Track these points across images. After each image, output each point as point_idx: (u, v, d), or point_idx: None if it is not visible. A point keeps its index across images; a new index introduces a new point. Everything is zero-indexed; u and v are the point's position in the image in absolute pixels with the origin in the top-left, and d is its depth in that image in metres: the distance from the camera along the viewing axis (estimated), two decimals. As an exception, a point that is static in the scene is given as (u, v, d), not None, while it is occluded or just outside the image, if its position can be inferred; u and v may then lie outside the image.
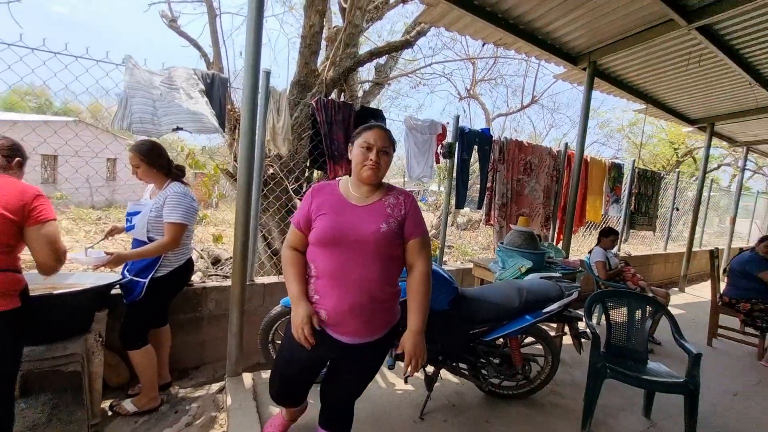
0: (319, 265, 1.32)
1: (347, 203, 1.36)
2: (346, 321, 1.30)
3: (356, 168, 1.36)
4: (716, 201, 9.10)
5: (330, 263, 1.29)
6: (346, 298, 1.28)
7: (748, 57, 3.90)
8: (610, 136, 15.14)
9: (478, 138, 3.92)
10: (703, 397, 2.71)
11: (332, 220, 1.31)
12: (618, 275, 3.68)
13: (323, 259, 1.31)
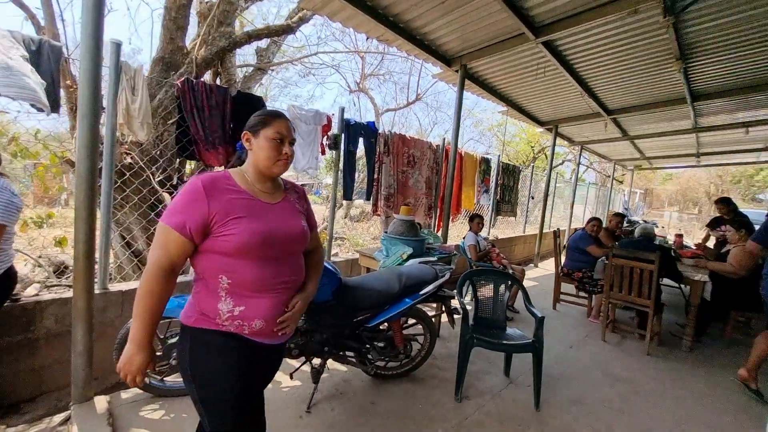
0: (240, 275, 1.14)
1: (260, 202, 1.21)
2: (275, 324, 1.22)
3: (266, 162, 1.21)
4: (561, 190, 10.99)
5: (257, 271, 1.15)
6: (279, 303, 1.21)
7: (580, 71, 4.75)
8: (483, 134, 17.09)
9: (363, 130, 4.00)
10: (549, 351, 3.25)
11: (257, 224, 1.15)
12: (486, 256, 4.17)
13: (247, 269, 1.14)
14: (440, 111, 14.39)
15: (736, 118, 6.50)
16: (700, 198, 22.97)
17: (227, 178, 1.19)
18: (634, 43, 3.89)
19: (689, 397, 2.71)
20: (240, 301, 1.15)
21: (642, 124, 7.13)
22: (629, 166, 13.35)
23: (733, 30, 3.57)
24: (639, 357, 3.35)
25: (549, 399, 2.52)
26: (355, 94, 11.36)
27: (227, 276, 1.14)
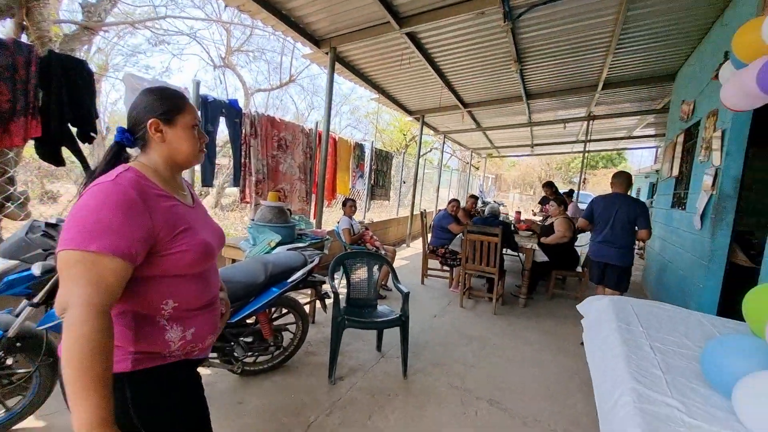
0: (186, 294, 0.95)
1: (186, 205, 1.01)
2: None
3: (190, 154, 1.00)
4: (430, 176, 12.00)
5: (201, 284, 1.00)
6: (217, 315, 1.08)
7: (440, 65, 5.15)
8: (360, 121, 17.43)
9: (224, 109, 3.63)
10: (416, 322, 3.55)
11: (201, 234, 0.97)
12: (360, 239, 4.29)
13: (192, 285, 0.97)
14: (317, 95, 14.09)
15: (558, 115, 7.99)
16: (534, 181, 27.99)
17: (147, 179, 0.92)
18: (482, 43, 4.39)
19: (523, 344, 3.28)
20: (189, 322, 0.97)
21: (491, 117, 8.20)
22: (483, 154, 15.33)
23: (554, 40, 4.31)
24: (488, 317, 3.91)
25: (415, 365, 2.74)
26: (220, 71, 10.27)
27: (173, 300, 0.93)
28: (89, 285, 0.76)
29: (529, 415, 2.27)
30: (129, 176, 0.88)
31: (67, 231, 0.79)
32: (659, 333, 1.72)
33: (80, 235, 0.78)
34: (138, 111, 0.96)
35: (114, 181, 0.84)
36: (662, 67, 5.15)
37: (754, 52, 1.80)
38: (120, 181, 0.85)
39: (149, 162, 0.97)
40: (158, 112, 0.95)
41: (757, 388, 1.02)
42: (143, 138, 0.97)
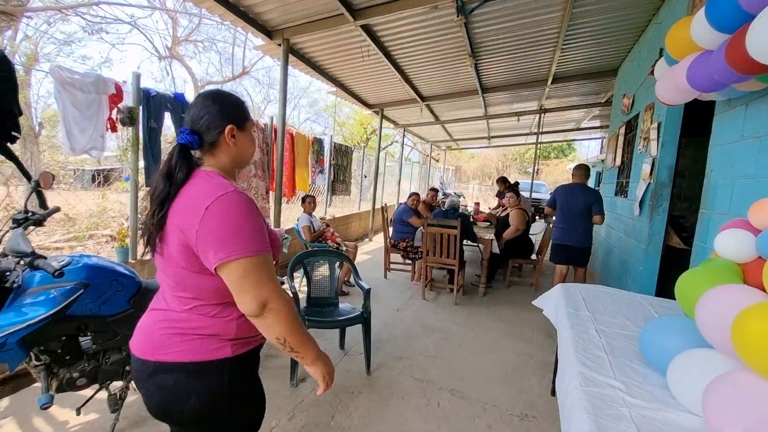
0: None
1: None
2: None
3: (251, 154, 1.09)
4: (392, 169, 12.04)
5: None
6: None
7: (397, 59, 5.13)
8: (320, 114, 17.14)
9: (170, 104, 3.41)
10: (379, 317, 3.56)
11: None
12: (321, 236, 4.22)
13: None
14: (273, 88, 13.62)
15: (512, 108, 8.25)
16: (493, 172, 28.93)
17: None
18: (438, 37, 4.41)
19: (482, 333, 3.38)
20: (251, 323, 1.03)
21: (449, 110, 8.32)
22: (442, 147, 15.59)
23: (506, 35, 4.42)
24: (449, 308, 4.00)
25: (378, 360, 2.75)
26: (166, 62, 9.67)
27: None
28: (271, 279, 0.91)
29: (488, 401, 2.34)
30: (226, 180, 0.96)
31: (238, 240, 0.87)
32: (604, 316, 1.83)
33: (250, 242, 0.89)
34: (211, 116, 0.99)
35: (236, 191, 0.91)
36: (605, 62, 5.44)
37: (684, 50, 1.92)
38: (233, 187, 0.93)
39: (218, 164, 1.02)
40: (234, 119, 1.01)
41: (687, 366, 1.10)
42: (213, 142, 1.00)
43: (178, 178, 0.93)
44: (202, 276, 0.93)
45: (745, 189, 1.88)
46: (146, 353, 0.97)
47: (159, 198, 0.93)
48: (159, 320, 0.99)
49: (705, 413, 0.97)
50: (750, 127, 1.91)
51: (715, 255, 1.41)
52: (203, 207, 0.87)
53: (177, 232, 0.91)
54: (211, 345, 0.95)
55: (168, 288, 1.00)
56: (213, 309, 0.97)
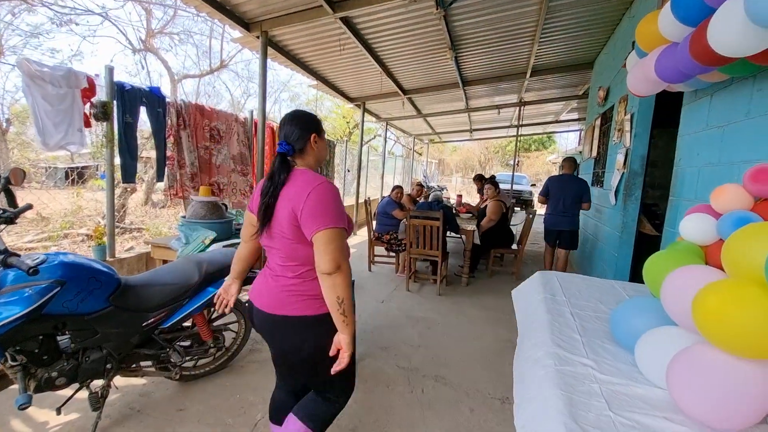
0: None
1: None
2: None
3: (325, 155, 1.49)
4: (375, 163, 12.03)
5: None
6: None
7: (378, 52, 5.12)
8: (301, 108, 16.92)
9: (145, 98, 3.33)
10: (365, 309, 3.60)
11: None
12: (304, 230, 4.21)
13: None
14: (253, 81, 13.36)
15: (493, 101, 8.34)
16: (475, 165, 29.23)
17: None
18: (418, 30, 4.42)
19: (465, 321, 3.46)
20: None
21: (431, 103, 8.36)
22: (425, 140, 15.65)
23: (485, 28, 4.46)
24: (432, 298, 4.06)
25: (364, 351, 2.78)
26: (140, 55, 9.37)
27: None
28: (345, 248, 1.25)
29: (471, 386, 2.41)
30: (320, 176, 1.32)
31: (328, 215, 1.21)
32: (579, 300, 1.90)
33: (335, 219, 1.22)
34: (301, 129, 1.34)
35: (326, 182, 1.28)
36: (581, 55, 5.56)
37: (653, 42, 1.98)
38: (326, 181, 1.28)
39: (306, 164, 1.38)
40: (315, 129, 1.38)
41: (652, 343, 1.17)
42: (302, 148, 1.35)
43: (282, 178, 1.28)
44: (306, 246, 1.25)
45: (710, 176, 1.97)
46: (272, 309, 1.32)
47: (268, 193, 1.27)
48: (279, 285, 1.32)
49: (668, 385, 1.03)
50: (714, 117, 2.00)
51: (681, 239, 1.49)
52: (306, 193, 1.22)
53: (288, 212, 1.24)
54: (316, 303, 1.29)
55: (279, 261, 1.33)
56: (314, 274, 1.26)
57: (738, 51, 1.21)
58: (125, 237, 5.70)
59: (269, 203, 1.26)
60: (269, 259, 1.39)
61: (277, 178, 1.27)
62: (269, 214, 1.27)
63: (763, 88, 1.60)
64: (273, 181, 1.28)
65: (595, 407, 1.05)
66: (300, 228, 1.23)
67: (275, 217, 1.27)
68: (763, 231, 0.98)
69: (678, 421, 0.99)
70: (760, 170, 1.22)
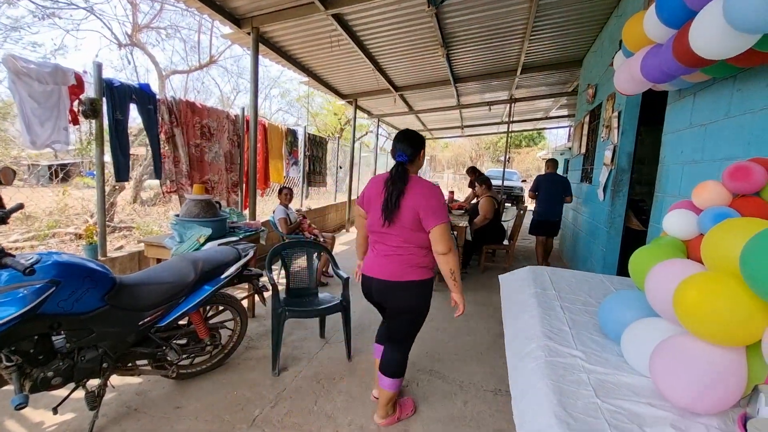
0: None
1: None
2: None
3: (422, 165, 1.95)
4: (367, 159, 12.03)
5: None
6: None
7: (370, 48, 5.12)
8: (292, 105, 16.80)
9: (135, 95, 3.30)
10: (359, 305, 3.61)
11: None
12: (298, 228, 4.22)
13: None
14: (243, 77, 13.22)
15: (483, 98, 8.39)
16: (467, 161, 29.36)
17: None
18: (410, 27, 4.44)
19: (460, 318, 3.50)
20: None
21: (423, 100, 8.39)
22: (418, 136, 15.65)
23: (476, 26, 4.49)
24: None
25: (359, 347, 2.82)
26: (127, 50, 9.22)
27: None
28: (451, 237, 1.77)
29: (464, 380, 2.47)
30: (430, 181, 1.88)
31: (443, 214, 1.71)
32: (569, 294, 1.96)
33: (446, 215, 1.72)
34: (413, 146, 1.82)
35: (437, 186, 1.81)
36: (571, 53, 5.64)
37: (638, 43, 2.04)
38: (436, 185, 1.81)
39: (415, 171, 1.87)
40: (423, 146, 1.87)
41: (637, 334, 1.22)
42: (413, 159, 1.83)
43: (403, 182, 1.72)
44: (420, 233, 1.75)
45: (692, 173, 2.04)
46: (393, 277, 1.81)
47: (393, 194, 1.71)
48: (395, 261, 1.80)
49: (652, 374, 1.08)
50: (697, 115, 2.07)
51: (665, 234, 1.55)
52: (428, 197, 1.71)
53: (411, 209, 1.70)
54: (425, 271, 1.83)
55: (395, 243, 1.79)
56: (423, 251, 1.80)
57: (718, 53, 1.26)
58: (115, 236, 5.63)
59: (394, 202, 1.70)
60: (381, 243, 1.84)
61: (401, 183, 1.71)
62: (394, 209, 1.71)
63: (743, 88, 1.66)
64: (396, 185, 1.71)
65: (583, 395, 1.10)
66: (420, 221, 1.70)
67: (399, 212, 1.71)
68: (738, 226, 1.03)
69: (660, 406, 1.04)
70: (738, 168, 1.28)
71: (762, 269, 0.82)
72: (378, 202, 1.77)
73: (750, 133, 1.58)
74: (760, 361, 0.90)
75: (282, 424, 1.98)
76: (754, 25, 1.07)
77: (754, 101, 1.58)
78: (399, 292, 1.83)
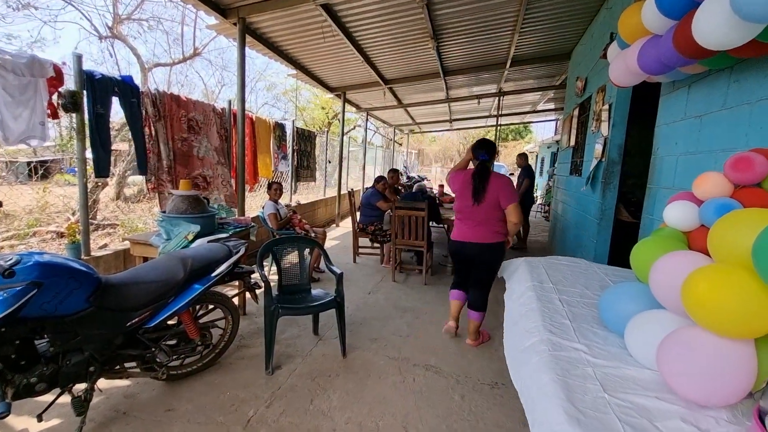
0: None
1: None
2: None
3: None
4: (356, 154, 11.94)
5: None
6: None
7: (359, 40, 5.03)
8: (278, 98, 16.51)
9: (117, 87, 3.17)
10: (351, 300, 3.59)
11: None
12: (288, 223, 4.15)
13: None
14: (227, 70, 12.92)
15: (472, 91, 8.37)
16: (454, 155, 29.44)
17: None
18: (400, 19, 4.36)
19: (452, 311, 3.50)
20: None
21: (412, 93, 8.32)
22: (405, 130, 15.63)
23: (467, 18, 4.44)
24: (419, 288, 4.10)
25: (353, 343, 2.79)
26: (107, 42, 8.90)
27: None
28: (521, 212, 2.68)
29: (461, 373, 2.46)
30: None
31: (514, 196, 2.60)
32: (565, 287, 1.95)
33: (517, 197, 2.63)
34: (491, 150, 2.66)
35: (510, 178, 2.74)
36: (560, 46, 5.64)
37: (635, 34, 2.02)
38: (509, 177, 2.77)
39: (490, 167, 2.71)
40: (496, 151, 2.70)
41: (642, 326, 1.22)
42: (491, 159, 2.67)
43: (488, 175, 2.59)
44: (498, 211, 2.60)
45: (688, 164, 2.05)
46: (482, 240, 2.64)
47: (479, 185, 2.57)
48: (482, 229, 2.63)
49: (659, 367, 1.07)
50: (692, 107, 2.08)
51: (664, 225, 1.54)
52: (504, 186, 2.58)
53: (493, 194, 2.56)
54: (500, 236, 2.65)
55: (482, 217, 2.61)
56: (501, 222, 2.63)
57: (722, 44, 1.25)
58: (98, 234, 5.46)
59: (482, 190, 2.57)
60: (469, 219, 2.67)
61: (486, 176, 2.59)
62: (482, 195, 2.57)
63: (740, 79, 1.67)
64: (483, 177, 2.58)
65: (590, 390, 1.08)
66: (498, 203, 2.57)
67: (485, 197, 2.56)
68: (746, 218, 1.02)
69: (668, 399, 1.03)
70: (740, 159, 1.27)
71: (777, 261, 0.81)
72: (467, 189, 2.62)
73: (747, 124, 1.58)
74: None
75: (278, 424, 1.94)
76: (760, 14, 1.05)
77: (751, 92, 1.58)
78: (486, 250, 2.65)
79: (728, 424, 0.94)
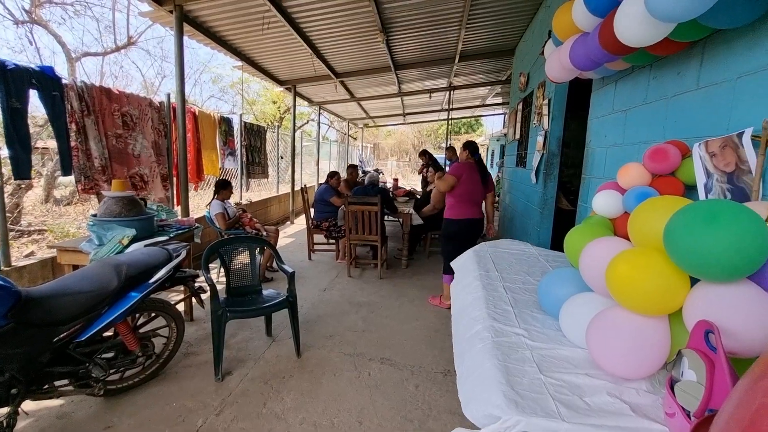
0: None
1: None
2: None
3: None
4: (310, 148, 11.69)
5: None
6: None
7: (308, 33, 4.90)
8: (225, 91, 15.72)
9: (36, 79, 2.85)
10: (306, 299, 3.53)
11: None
12: (237, 222, 3.99)
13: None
14: (168, 61, 12.05)
15: (424, 85, 8.48)
16: (409, 148, 29.84)
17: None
18: (348, 12, 4.30)
19: (406, 302, 3.57)
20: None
21: (364, 87, 8.27)
22: (360, 124, 15.55)
23: (414, 12, 4.47)
24: (374, 282, 4.12)
25: (308, 342, 2.75)
26: (26, 28, 7.98)
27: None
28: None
29: (415, 364, 2.51)
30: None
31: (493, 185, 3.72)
32: (510, 274, 2.05)
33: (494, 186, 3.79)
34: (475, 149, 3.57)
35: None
36: (505, 42, 5.85)
37: (567, 32, 2.13)
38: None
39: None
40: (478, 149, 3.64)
41: (573, 309, 1.30)
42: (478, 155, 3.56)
43: (483, 168, 3.56)
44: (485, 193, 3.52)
45: (615, 155, 2.21)
46: (479, 216, 3.43)
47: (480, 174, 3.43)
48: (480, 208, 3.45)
49: (588, 346, 1.15)
50: (618, 102, 2.23)
51: (594, 213, 1.65)
52: (489, 176, 3.61)
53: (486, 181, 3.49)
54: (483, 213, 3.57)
55: (478, 197, 3.42)
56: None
57: (639, 41, 1.35)
58: (23, 241, 4.95)
59: (482, 178, 3.40)
60: (475, 199, 3.37)
61: (484, 168, 3.54)
62: (485, 181, 3.41)
63: (658, 76, 1.81)
64: (481, 167, 3.48)
65: (527, 372, 1.14)
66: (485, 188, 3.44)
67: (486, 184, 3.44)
68: (660, 205, 1.12)
69: (596, 375, 1.11)
70: (656, 150, 1.39)
71: (682, 243, 0.89)
72: (475, 178, 3.32)
73: (665, 118, 1.72)
74: (682, 328, 0.99)
75: (229, 431, 1.87)
76: (671, 14, 1.14)
77: (667, 88, 1.73)
78: (483, 222, 3.46)
79: (647, 393, 1.03)
